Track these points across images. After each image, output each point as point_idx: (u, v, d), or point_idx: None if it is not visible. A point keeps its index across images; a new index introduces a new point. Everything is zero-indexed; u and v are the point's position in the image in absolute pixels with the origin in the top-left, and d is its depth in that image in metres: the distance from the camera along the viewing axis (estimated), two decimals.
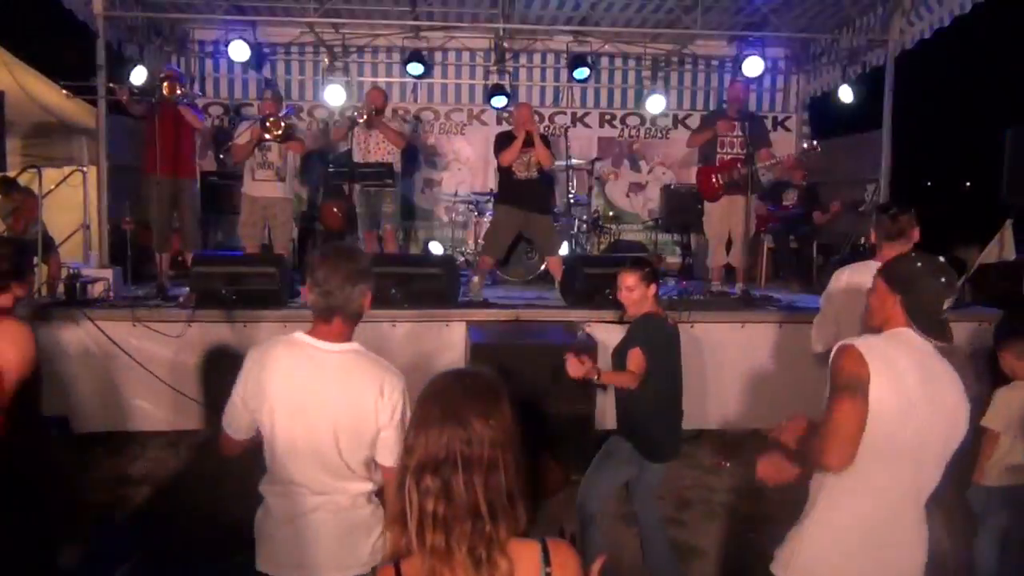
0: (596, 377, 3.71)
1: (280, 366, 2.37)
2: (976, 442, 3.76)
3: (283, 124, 7.05)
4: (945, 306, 2.38)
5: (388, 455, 2.34)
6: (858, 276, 3.67)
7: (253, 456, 2.50)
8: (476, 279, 6.98)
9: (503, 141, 6.97)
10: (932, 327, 2.38)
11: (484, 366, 1.78)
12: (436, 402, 1.63)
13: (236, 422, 2.46)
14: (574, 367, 3.62)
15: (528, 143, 6.81)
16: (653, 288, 3.84)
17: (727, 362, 6.27)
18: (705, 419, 6.13)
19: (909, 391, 2.25)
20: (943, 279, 2.39)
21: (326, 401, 2.32)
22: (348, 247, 2.49)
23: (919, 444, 2.26)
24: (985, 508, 3.83)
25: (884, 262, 2.58)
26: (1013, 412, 3.73)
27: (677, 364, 3.89)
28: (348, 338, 2.42)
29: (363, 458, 2.37)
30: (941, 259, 2.45)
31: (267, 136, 7.03)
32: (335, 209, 8.39)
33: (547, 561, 1.59)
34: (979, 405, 3.88)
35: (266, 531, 2.46)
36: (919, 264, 2.43)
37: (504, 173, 7.00)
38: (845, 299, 3.74)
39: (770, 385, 6.20)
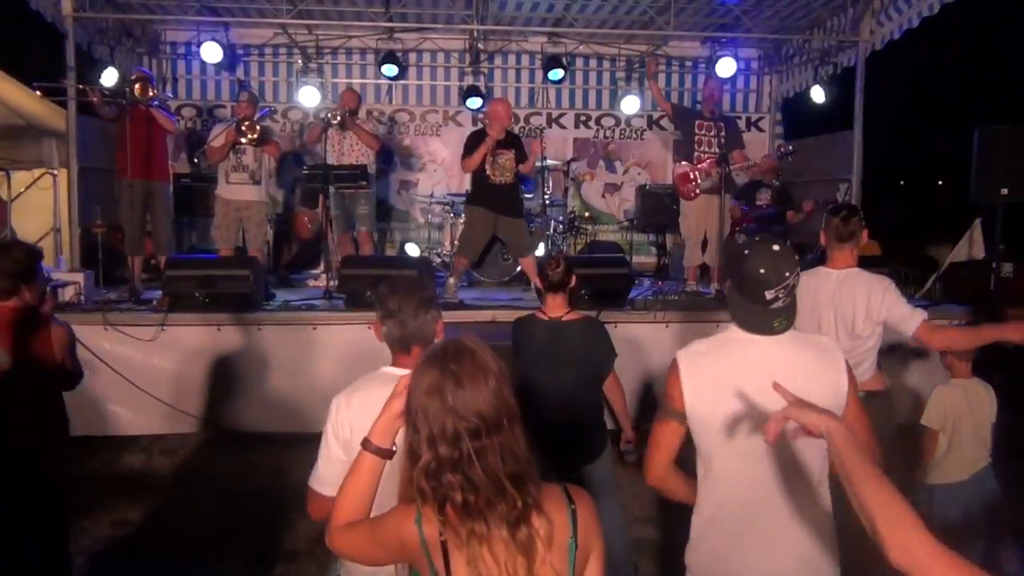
0: None
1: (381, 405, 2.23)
2: (917, 441, 3.79)
3: (259, 127, 7.00)
4: (770, 296, 2.12)
5: None
6: (814, 282, 3.62)
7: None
8: (452, 280, 6.95)
9: (473, 141, 6.80)
10: (748, 319, 2.18)
11: (459, 338, 1.74)
12: (430, 398, 1.61)
13: (333, 477, 2.17)
14: None
15: (502, 144, 6.77)
16: (538, 280, 3.62)
17: None
18: None
19: (735, 398, 2.12)
20: (762, 270, 2.11)
21: None
22: (414, 277, 2.44)
23: (762, 444, 2.06)
24: (930, 507, 3.84)
25: None
26: (949, 410, 3.71)
27: (559, 362, 3.61)
28: None
29: None
30: (776, 247, 2.17)
31: (243, 139, 6.96)
32: (306, 219, 8.38)
33: (570, 499, 1.68)
34: None
35: None
36: (746, 250, 2.18)
37: (478, 175, 6.87)
38: (801, 307, 3.60)
39: None
